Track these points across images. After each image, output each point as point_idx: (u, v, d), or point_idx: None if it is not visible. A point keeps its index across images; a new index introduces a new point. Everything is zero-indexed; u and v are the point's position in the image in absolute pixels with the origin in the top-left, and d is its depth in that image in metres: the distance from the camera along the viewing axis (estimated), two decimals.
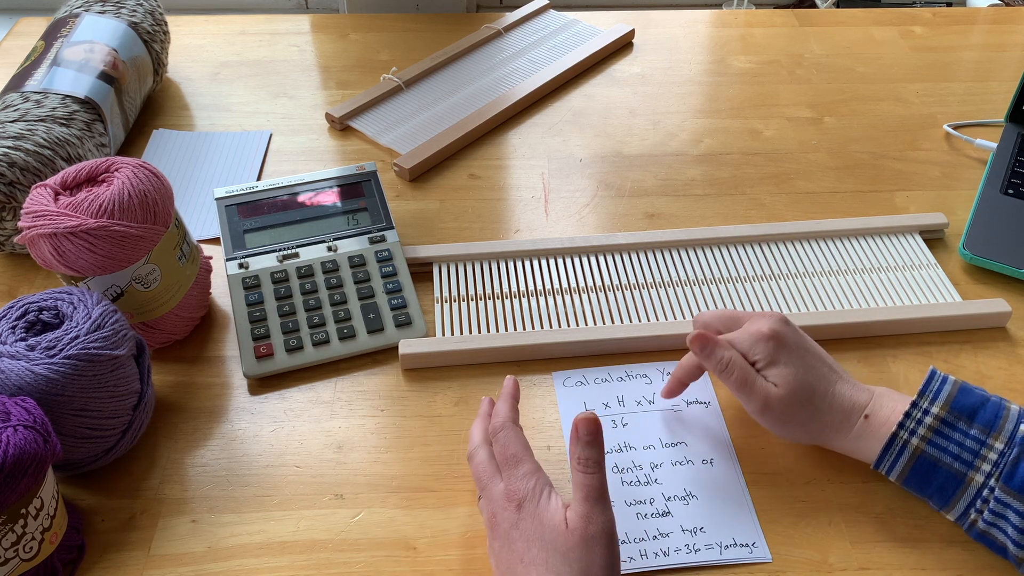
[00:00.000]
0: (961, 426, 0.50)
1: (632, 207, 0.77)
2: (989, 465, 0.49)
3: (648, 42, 0.99)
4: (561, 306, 0.67)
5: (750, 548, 0.53)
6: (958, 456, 0.49)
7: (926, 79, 0.93)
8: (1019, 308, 0.67)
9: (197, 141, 0.84)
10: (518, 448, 0.50)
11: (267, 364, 0.62)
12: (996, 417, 0.50)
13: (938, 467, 0.50)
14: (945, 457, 0.50)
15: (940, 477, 0.50)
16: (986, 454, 0.49)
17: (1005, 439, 0.49)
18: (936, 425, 0.50)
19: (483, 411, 0.55)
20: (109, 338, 0.52)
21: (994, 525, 0.49)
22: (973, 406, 0.50)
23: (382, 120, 0.86)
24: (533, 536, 0.46)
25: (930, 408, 0.50)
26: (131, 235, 0.56)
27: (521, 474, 0.49)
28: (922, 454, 0.50)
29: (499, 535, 0.48)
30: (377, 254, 0.69)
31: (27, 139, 0.68)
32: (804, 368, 0.53)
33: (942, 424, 0.50)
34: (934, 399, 0.50)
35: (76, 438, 0.52)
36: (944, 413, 0.50)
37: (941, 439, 0.50)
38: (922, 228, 0.73)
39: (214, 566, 0.52)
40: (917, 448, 0.50)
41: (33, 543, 0.48)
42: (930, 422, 0.50)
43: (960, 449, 0.49)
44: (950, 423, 0.50)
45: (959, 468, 0.50)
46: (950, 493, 0.50)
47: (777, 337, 0.53)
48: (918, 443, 0.50)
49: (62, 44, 0.78)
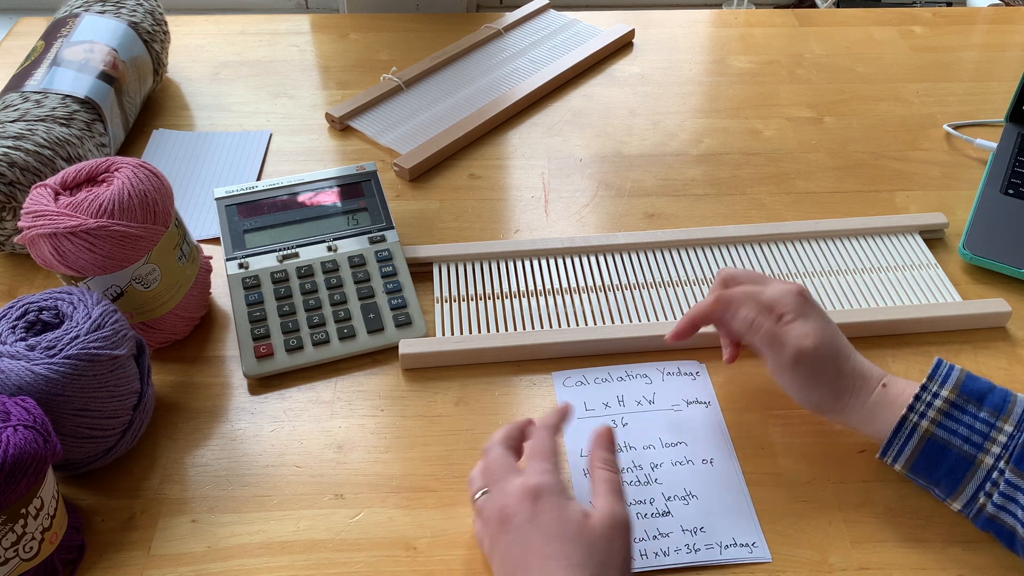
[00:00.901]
0: (971, 409, 0.50)
1: (632, 207, 0.77)
2: (999, 448, 0.49)
3: (648, 42, 0.99)
4: (561, 306, 0.67)
5: (750, 548, 0.53)
6: (968, 438, 0.50)
7: (926, 79, 0.93)
8: (1019, 308, 0.67)
9: (197, 141, 0.84)
10: (550, 448, 0.50)
11: (267, 364, 0.62)
12: (1005, 401, 0.50)
13: (948, 450, 0.50)
14: (955, 440, 0.50)
15: (950, 460, 0.50)
16: (996, 436, 0.49)
17: (1015, 422, 0.49)
18: (946, 408, 0.50)
19: (517, 423, 0.54)
20: (109, 338, 0.52)
21: (1003, 508, 0.49)
22: (981, 390, 0.51)
23: (382, 120, 0.86)
24: (553, 529, 0.45)
25: (940, 391, 0.51)
26: (131, 235, 0.56)
27: (544, 468, 0.48)
28: (932, 437, 0.50)
29: (511, 528, 0.46)
30: (377, 254, 0.69)
31: (27, 139, 0.68)
32: (829, 329, 0.54)
33: (952, 407, 0.50)
34: (943, 383, 0.51)
35: (76, 438, 0.52)
36: (954, 396, 0.50)
37: (951, 421, 0.50)
38: (922, 228, 0.73)
39: (214, 566, 0.52)
40: (927, 431, 0.50)
41: (33, 543, 0.48)
42: (940, 405, 0.50)
43: (970, 432, 0.50)
44: (960, 406, 0.50)
45: (969, 451, 0.50)
46: (959, 477, 0.50)
47: (804, 294, 0.55)
48: (928, 426, 0.50)
49: (62, 44, 0.79)
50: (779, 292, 0.55)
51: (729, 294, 0.56)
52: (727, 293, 0.56)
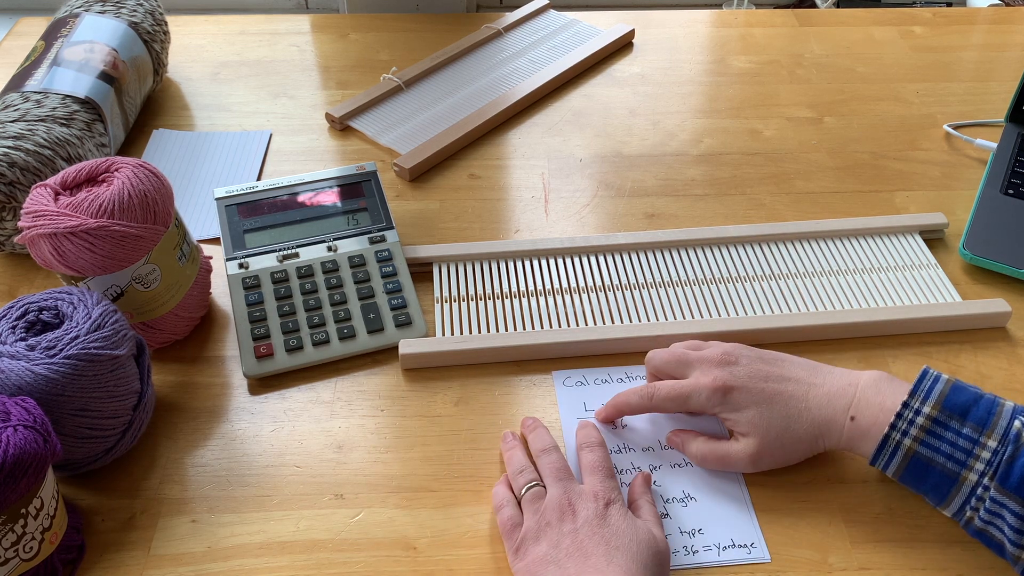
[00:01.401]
0: (953, 425, 0.49)
1: (632, 207, 0.77)
2: (983, 464, 0.49)
3: (648, 42, 0.99)
4: (561, 306, 0.67)
5: (748, 549, 0.53)
6: (951, 456, 0.49)
7: (926, 79, 0.93)
8: (1019, 308, 0.67)
9: (197, 141, 0.84)
10: (610, 467, 0.54)
11: (267, 364, 0.62)
12: (989, 414, 0.49)
13: (931, 467, 0.50)
14: (938, 457, 0.50)
15: (934, 477, 0.50)
16: (979, 453, 0.49)
17: (998, 437, 0.48)
18: (928, 425, 0.50)
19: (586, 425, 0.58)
20: (109, 338, 0.52)
21: (991, 524, 0.49)
22: (965, 404, 0.50)
23: (382, 120, 0.86)
24: (625, 535, 0.49)
25: (921, 408, 0.50)
26: (131, 235, 0.56)
27: (609, 484, 0.52)
28: (915, 454, 0.50)
29: (575, 520, 0.49)
30: (377, 254, 0.69)
31: (27, 139, 0.68)
32: (766, 402, 0.53)
33: (934, 424, 0.50)
34: (925, 398, 0.50)
35: (76, 438, 0.52)
36: (936, 413, 0.50)
37: (933, 439, 0.50)
38: (922, 228, 0.73)
39: (214, 566, 0.52)
40: (910, 449, 0.50)
41: (33, 543, 0.48)
42: (921, 422, 0.50)
43: (952, 449, 0.49)
44: (942, 422, 0.50)
45: (952, 468, 0.49)
46: (944, 492, 0.50)
47: (724, 387, 0.54)
48: (910, 444, 0.50)
49: (62, 44, 0.79)
50: (702, 393, 0.54)
51: (657, 404, 0.57)
52: (653, 404, 0.57)
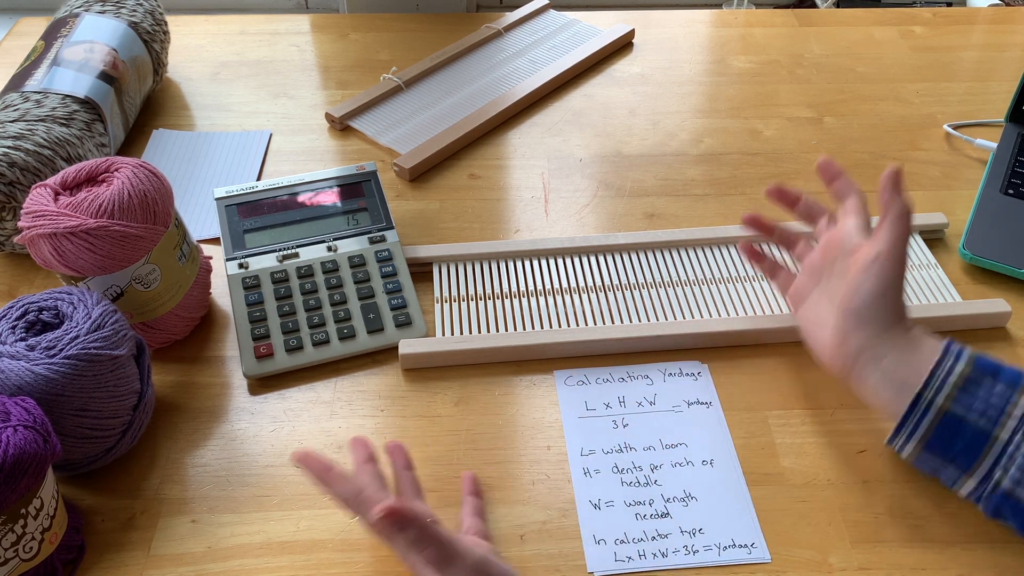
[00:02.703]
0: (987, 383, 0.50)
1: (632, 207, 0.77)
2: (1015, 421, 0.49)
3: (648, 42, 0.99)
4: (561, 306, 0.67)
5: (749, 549, 0.53)
6: (984, 412, 0.50)
7: (926, 79, 0.93)
8: (1019, 308, 0.67)
9: (197, 141, 0.84)
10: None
11: (267, 364, 0.62)
12: (1020, 376, 0.50)
13: (965, 424, 0.50)
14: (972, 414, 0.50)
15: (966, 435, 0.50)
16: (1011, 411, 0.49)
17: None
18: (962, 383, 0.50)
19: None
20: (109, 338, 0.52)
21: (1021, 483, 0.49)
22: (995, 365, 0.51)
23: (382, 120, 0.86)
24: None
25: (955, 367, 0.51)
26: (131, 235, 0.56)
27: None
28: (948, 412, 0.50)
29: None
30: (377, 254, 0.69)
31: (27, 139, 0.68)
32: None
33: (968, 382, 0.50)
34: (958, 359, 0.51)
35: (76, 438, 0.52)
36: (970, 371, 0.50)
37: (967, 396, 0.50)
38: (922, 228, 0.73)
39: (214, 566, 0.52)
40: (943, 407, 0.50)
41: (33, 543, 0.48)
42: (956, 380, 0.50)
43: (986, 405, 0.50)
44: (976, 380, 0.50)
45: (985, 425, 0.50)
46: (976, 453, 0.50)
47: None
48: (944, 401, 0.50)
49: (62, 44, 0.79)
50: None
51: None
52: None
